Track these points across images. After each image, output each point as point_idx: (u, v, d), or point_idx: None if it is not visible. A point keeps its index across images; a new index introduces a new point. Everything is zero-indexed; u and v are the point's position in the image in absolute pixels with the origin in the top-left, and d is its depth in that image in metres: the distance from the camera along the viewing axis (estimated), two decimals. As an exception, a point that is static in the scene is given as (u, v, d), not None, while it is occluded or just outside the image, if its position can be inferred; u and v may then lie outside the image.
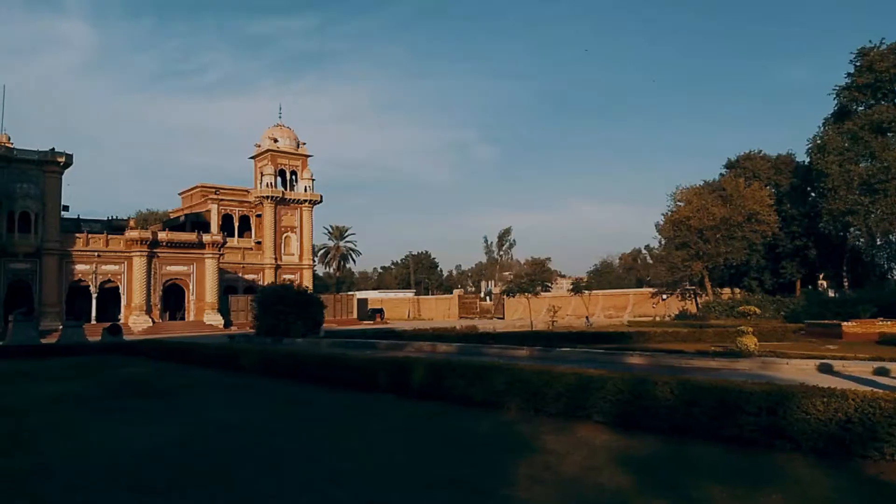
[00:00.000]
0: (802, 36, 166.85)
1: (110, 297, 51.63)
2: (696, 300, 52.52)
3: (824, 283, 55.59)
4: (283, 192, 64.40)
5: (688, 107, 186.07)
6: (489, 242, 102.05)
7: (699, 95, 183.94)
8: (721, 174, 57.74)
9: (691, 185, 52.53)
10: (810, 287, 53.54)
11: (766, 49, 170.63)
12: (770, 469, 6.60)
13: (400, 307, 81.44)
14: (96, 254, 50.60)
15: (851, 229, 47.49)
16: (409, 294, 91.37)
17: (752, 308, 22.90)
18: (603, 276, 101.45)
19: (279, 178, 65.30)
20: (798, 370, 13.74)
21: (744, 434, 7.44)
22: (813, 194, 51.94)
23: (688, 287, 53.81)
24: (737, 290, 53.32)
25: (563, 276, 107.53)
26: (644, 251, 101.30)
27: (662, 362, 15.23)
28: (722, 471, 6.56)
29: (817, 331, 28.29)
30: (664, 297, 56.12)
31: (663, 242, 56.34)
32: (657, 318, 47.68)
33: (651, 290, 61.25)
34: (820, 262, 54.26)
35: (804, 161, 52.72)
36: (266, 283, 56.50)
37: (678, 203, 51.40)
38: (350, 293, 78.09)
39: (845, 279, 53.77)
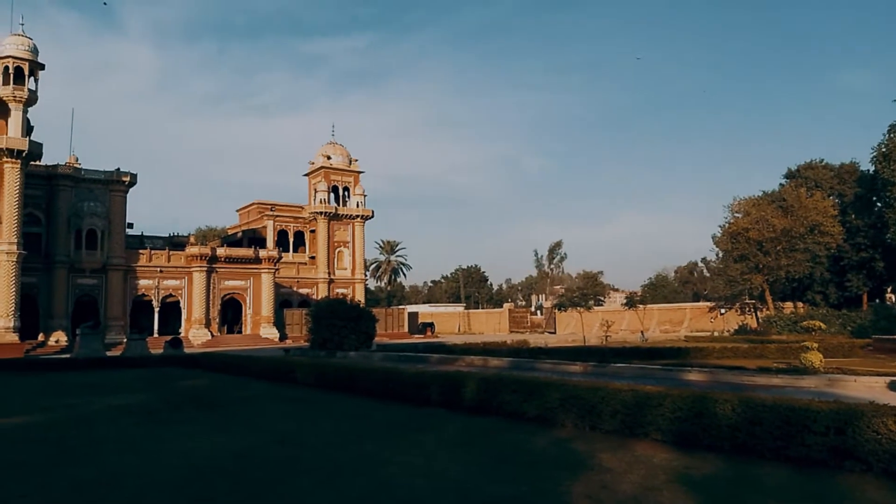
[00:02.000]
0: (865, 42, 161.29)
1: (171, 310, 53.34)
2: (756, 315, 50.96)
3: (893, 297, 53.28)
4: (335, 208, 65.51)
5: (745, 116, 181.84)
6: (539, 256, 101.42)
7: (757, 104, 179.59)
8: (781, 184, 56.18)
9: (750, 196, 51.27)
10: (878, 301, 51.36)
11: (827, 55, 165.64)
12: (839, 491, 6.33)
13: (450, 321, 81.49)
14: (158, 269, 52.41)
15: (922, 240, 45.33)
16: (459, 308, 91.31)
17: (816, 323, 22.13)
18: (658, 290, 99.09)
19: (332, 195, 66.49)
20: (867, 388, 13.16)
21: (811, 454, 7.17)
22: (879, 204, 49.92)
23: (747, 301, 52.32)
24: (799, 305, 51.57)
25: (616, 290, 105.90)
26: (701, 264, 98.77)
27: (722, 379, 14.80)
28: (788, 492, 6.32)
29: (886, 346, 27.05)
30: (722, 311, 54.70)
31: (721, 255, 55.01)
32: (715, 334, 46.44)
33: (709, 304, 59.80)
34: (888, 275, 51.95)
35: (869, 170, 50.82)
36: (319, 297, 57.44)
37: (736, 214, 50.17)
38: (401, 307, 78.61)
39: (916, 292, 51.34)
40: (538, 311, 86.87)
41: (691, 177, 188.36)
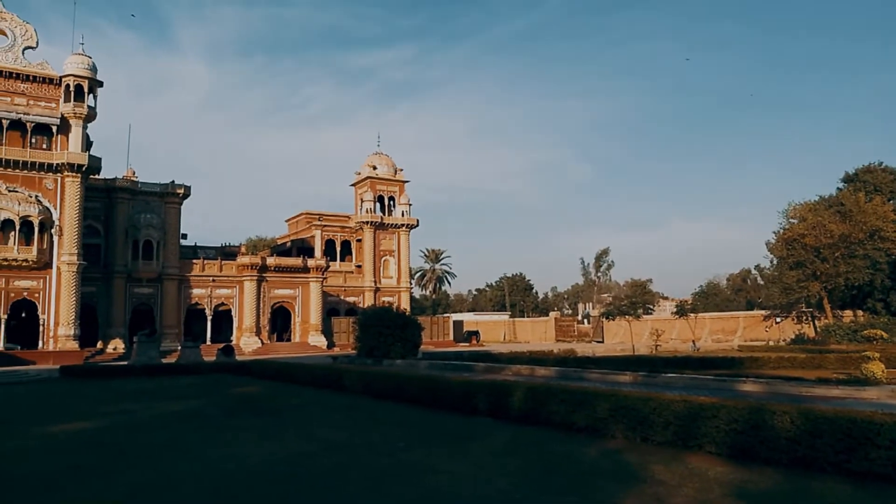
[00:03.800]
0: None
1: (223, 319, 54.60)
2: (813, 323, 49.30)
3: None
4: (381, 218, 66.16)
5: (800, 119, 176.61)
6: (586, 264, 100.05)
7: (814, 106, 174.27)
8: (838, 189, 54.37)
9: (805, 201, 49.74)
10: (944, 309, 48.97)
11: (882, 55, 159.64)
12: (908, 509, 6.05)
13: (495, 330, 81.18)
14: (211, 279, 53.75)
15: None
16: (504, 316, 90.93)
17: (877, 332, 21.33)
18: (709, 298, 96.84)
19: (378, 204, 67.18)
20: (934, 400, 12.56)
21: (874, 469, 6.90)
22: (943, 208, 47.74)
23: (804, 309, 50.68)
24: (859, 313, 49.65)
25: (666, 298, 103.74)
26: (754, 271, 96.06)
27: (779, 390, 14.34)
28: (852, 509, 6.08)
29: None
30: (778, 320, 53.09)
31: (775, 262, 53.43)
32: (771, 343, 45.08)
33: (763, 312, 58.15)
34: (954, 282, 49.57)
35: (932, 172, 48.68)
36: (366, 306, 58.01)
37: (791, 220, 48.76)
38: (446, 315, 78.73)
39: (984, 300, 48.80)
40: (585, 320, 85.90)
41: (743, 182, 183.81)
